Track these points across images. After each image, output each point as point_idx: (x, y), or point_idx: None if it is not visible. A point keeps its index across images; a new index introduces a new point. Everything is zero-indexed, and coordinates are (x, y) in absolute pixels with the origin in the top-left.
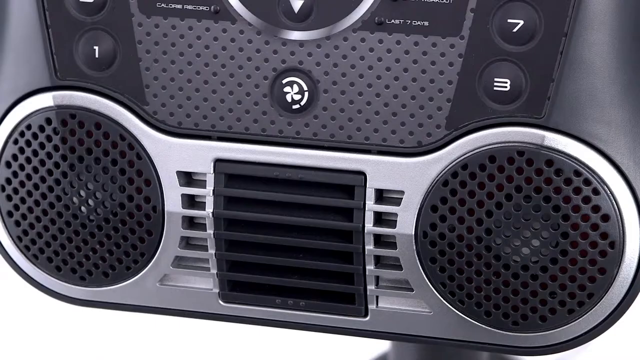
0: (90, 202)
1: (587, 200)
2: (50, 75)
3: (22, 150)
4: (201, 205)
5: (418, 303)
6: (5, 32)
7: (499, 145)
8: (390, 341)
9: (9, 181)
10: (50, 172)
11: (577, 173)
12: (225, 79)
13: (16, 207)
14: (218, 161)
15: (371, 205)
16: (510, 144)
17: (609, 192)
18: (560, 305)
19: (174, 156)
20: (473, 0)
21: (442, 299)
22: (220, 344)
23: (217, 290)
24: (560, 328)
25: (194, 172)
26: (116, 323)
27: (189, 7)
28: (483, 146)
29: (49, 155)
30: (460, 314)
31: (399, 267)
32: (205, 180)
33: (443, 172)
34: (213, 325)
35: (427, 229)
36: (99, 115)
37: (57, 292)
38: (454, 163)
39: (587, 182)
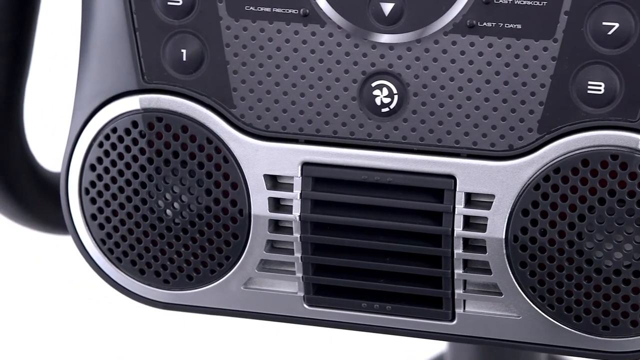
0: (176, 205)
1: None
2: (137, 78)
3: (107, 153)
4: (287, 209)
5: (506, 307)
6: (91, 35)
7: (592, 148)
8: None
9: (93, 184)
10: (135, 175)
11: None
12: (314, 82)
13: (100, 210)
14: (305, 164)
15: (461, 209)
16: (604, 148)
17: None
18: None
19: (261, 159)
20: (567, 2)
21: (531, 303)
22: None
23: (302, 294)
24: None
25: (280, 176)
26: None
27: (278, 10)
28: (576, 150)
29: (135, 159)
30: (550, 318)
31: (488, 271)
32: (292, 184)
33: (535, 175)
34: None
35: (517, 233)
36: (185, 119)
37: (139, 295)
38: (546, 166)
39: None
